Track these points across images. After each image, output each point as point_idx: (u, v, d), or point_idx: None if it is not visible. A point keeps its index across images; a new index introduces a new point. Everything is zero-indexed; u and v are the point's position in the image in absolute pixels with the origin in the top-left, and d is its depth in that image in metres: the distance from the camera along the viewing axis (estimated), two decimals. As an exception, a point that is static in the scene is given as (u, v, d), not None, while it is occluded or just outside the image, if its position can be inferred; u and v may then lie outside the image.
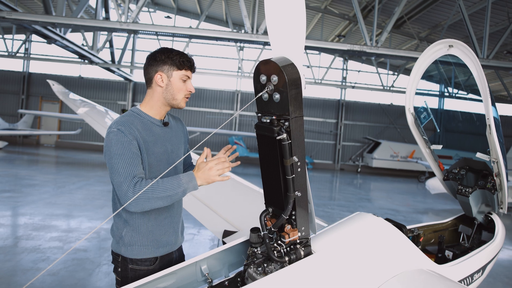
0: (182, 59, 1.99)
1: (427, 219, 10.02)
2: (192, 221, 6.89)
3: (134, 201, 1.74)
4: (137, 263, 2.02)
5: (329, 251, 1.89)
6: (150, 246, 2.04)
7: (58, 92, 7.14)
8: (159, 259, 2.07)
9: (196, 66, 2.10)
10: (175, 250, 2.19)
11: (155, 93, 2.04)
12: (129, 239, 2.01)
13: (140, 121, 1.99)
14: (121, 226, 2.03)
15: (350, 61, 22.66)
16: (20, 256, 5.05)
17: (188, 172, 1.88)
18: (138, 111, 2.05)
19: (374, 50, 10.44)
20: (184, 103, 2.08)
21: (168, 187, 1.80)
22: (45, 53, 20.88)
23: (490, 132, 2.90)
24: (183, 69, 2.00)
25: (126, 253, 2.02)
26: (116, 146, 1.83)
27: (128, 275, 2.03)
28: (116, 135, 1.86)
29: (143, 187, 1.75)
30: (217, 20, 21.29)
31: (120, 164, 1.80)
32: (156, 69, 2.00)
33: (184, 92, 2.04)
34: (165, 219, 2.08)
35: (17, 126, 17.98)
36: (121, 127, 1.88)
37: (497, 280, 5.64)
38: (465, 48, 2.84)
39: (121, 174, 1.78)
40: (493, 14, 12.13)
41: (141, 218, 2.00)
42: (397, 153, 20.44)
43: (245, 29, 10.48)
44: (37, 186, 9.74)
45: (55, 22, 10.09)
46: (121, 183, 1.77)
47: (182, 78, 2.02)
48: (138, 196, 1.73)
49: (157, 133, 2.04)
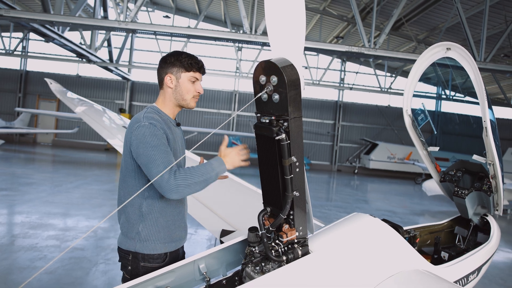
0: (190, 61, 2.07)
1: (423, 221, 10.06)
2: (190, 221, 6.85)
3: (175, 189, 1.80)
4: (149, 260, 2.04)
5: (327, 251, 1.90)
6: (165, 241, 2.08)
7: (56, 91, 7.12)
8: (168, 256, 2.10)
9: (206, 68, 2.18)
10: (181, 247, 2.25)
11: (166, 94, 2.13)
12: (147, 234, 2.03)
13: (161, 118, 2.07)
14: (137, 221, 2.04)
15: (348, 62, 22.71)
16: (17, 255, 5.04)
17: (216, 158, 2.01)
18: (158, 109, 2.12)
19: (372, 51, 10.48)
20: (194, 103, 2.16)
21: (204, 172, 1.89)
22: (43, 51, 20.83)
23: (487, 134, 2.92)
24: (191, 70, 2.08)
25: (142, 249, 2.03)
26: (151, 139, 1.90)
27: (139, 272, 2.02)
28: (149, 128, 1.92)
29: (182, 174, 1.83)
30: (216, 20, 21.29)
31: (157, 155, 1.87)
32: (166, 71, 2.10)
33: (192, 93, 2.12)
34: (178, 213, 2.15)
35: (14, 124, 17.92)
36: (152, 121, 1.96)
37: (492, 282, 5.67)
38: (463, 51, 2.86)
39: (160, 164, 1.84)
40: (491, 17, 12.19)
41: (159, 212, 2.05)
42: (394, 155, 20.49)
43: (244, 29, 10.49)
44: (34, 185, 9.71)
45: (53, 21, 10.07)
46: (162, 173, 1.83)
47: (191, 80, 2.09)
48: (179, 183, 1.81)
49: (174, 132, 2.13)
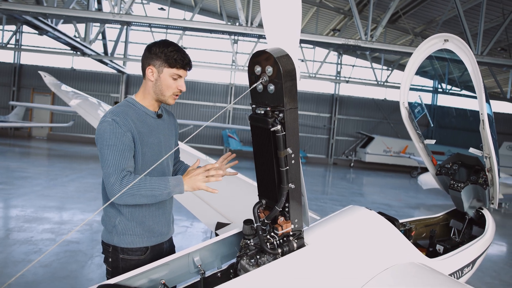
0: (175, 56, 1.95)
1: (418, 214, 10.10)
2: (185, 214, 6.88)
3: (120, 195, 1.76)
4: (128, 253, 2.02)
5: (322, 243, 1.89)
6: (143, 235, 2.05)
7: (50, 84, 7.05)
8: (150, 249, 2.08)
9: (192, 63, 2.07)
10: (166, 241, 2.20)
11: (147, 86, 2.05)
12: (123, 228, 2.01)
13: (135, 111, 2.00)
14: (114, 215, 2.02)
15: (345, 55, 22.65)
16: (12, 248, 5.02)
17: (177, 176, 1.91)
18: (133, 102, 2.05)
19: (368, 44, 10.44)
20: (173, 100, 2.06)
21: (155, 187, 1.82)
22: (37, 44, 20.60)
23: (484, 127, 2.91)
24: (175, 67, 1.97)
25: (119, 242, 2.01)
26: (109, 137, 1.83)
27: (119, 265, 2.03)
28: (110, 125, 1.86)
29: (130, 182, 1.76)
30: (211, 12, 21.14)
31: (111, 155, 1.81)
32: (149, 62, 2.00)
33: (173, 90, 2.02)
34: (158, 209, 2.10)
35: (8, 118, 17.77)
36: (116, 117, 1.88)
37: (485, 274, 5.71)
38: (460, 43, 2.84)
39: (110, 165, 1.79)
40: (488, 10, 12.16)
41: (135, 207, 2.01)
42: (390, 148, 20.54)
43: (240, 21, 10.41)
44: (29, 179, 9.66)
45: (47, 13, 9.94)
46: (110, 175, 1.79)
47: (173, 76, 1.99)
48: (125, 191, 1.75)
49: (151, 124, 2.05)
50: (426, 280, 2.05)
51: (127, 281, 1.67)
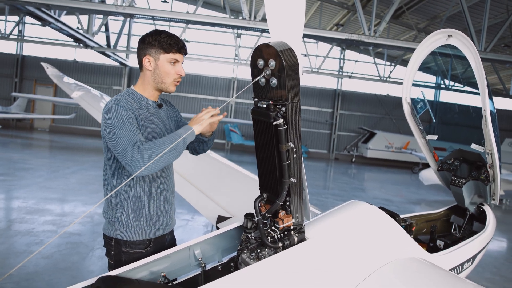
0: (169, 41, 1.96)
1: (419, 210, 10.09)
2: (186, 207, 6.90)
3: (142, 163, 1.72)
4: (131, 246, 2.02)
5: (323, 237, 1.90)
6: (145, 227, 2.04)
7: (53, 75, 7.04)
8: (152, 242, 2.07)
9: (188, 49, 2.06)
10: (168, 233, 2.19)
11: (145, 77, 2.05)
12: (126, 220, 2.01)
13: (135, 100, 2.01)
14: (117, 207, 2.02)
15: (348, 50, 22.56)
16: (14, 239, 5.04)
17: (184, 126, 1.95)
18: (133, 92, 2.06)
19: (372, 40, 10.40)
20: (174, 87, 2.06)
21: (169, 140, 1.81)
22: (39, 35, 20.58)
23: (486, 123, 2.91)
24: (171, 52, 1.97)
25: (121, 235, 2.01)
26: (117, 119, 1.83)
27: (122, 258, 2.02)
28: (115, 109, 1.86)
29: (146, 149, 1.74)
30: (215, 6, 21.05)
31: (122, 133, 1.80)
32: (145, 52, 2.01)
33: (173, 76, 2.02)
34: (160, 199, 2.10)
35: (11, 109, 17.80)
36: (119, 103, 1.90)
37: (486, 270, 5.72)
38: (464, 38, 2.82)
39: (124, 142, 1.77)
40: (492, 7, 12.08)
41: (137, 197, 2.01)
42: (392, 144, 20.52)
43: (243, 15, 10.37)
44: (31, 170, 9.69)
45: (49, 4, 9.93)
46: (125, 149, 1.75)
47: (170, 62, 1.99)
48: (145, 157, 1.72)
49: (152, 113, 2.06)
50: (427, 275, 2.06)
51: (128, 273, 1.68)
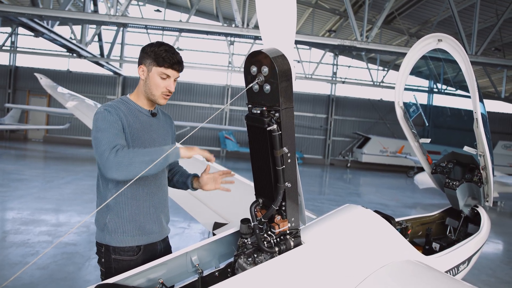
0: (164, 55, 1.96)
1: (415, 213, 10.11)
2: (182, 215, 6.88)
3: (116, 167, 1.72)
4: (120, 253, 2.02)
5: (319, 242, 1.91)
6: (133, 234, 2.03)
7: (46, 86, 7.04)
8: (142, 249, 2.07)
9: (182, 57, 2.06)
10: (160, 241, 2.17)
11: (139, 85, 2.09)
12: (113, 226, 2.00)
13: (127, 107, 2.04)
14: (105, 212, 2.02)
15: (341, 56, 22.72)
16: (8, 251, 5.00)
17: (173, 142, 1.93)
18: (127, 99, 2.09)
19: (364, 45, 10.49)
20: (163, 99, 2.07)
21: (151, 152, 1.79)
22: (32, 46, 20.53)
23: (477, 125, 2.95)
24: (163, 66, 1.98)
25: (110, 241, 2.01)
26: (102, 122, 1.88)
27: (112, 265, 2.02)
28: (102, 113, 1.91)
29: (124, 154, 1.74)
30: (208, 14, 21.15)
31: (104, 136, 1.82)
32: (141, 61, 2.04)
33: (161, 89, 2.02)
34: (150, 207, 2.08)
35: (4, 120, 17.68)
36: (107, 107, 1.95)
37: (481, 272, 5.75)
38: (454, 43, 2.87)
39: (104, 144, 1.79)
40: (482, 11, 12.25)
41: (125, 203, 2.01)
42: (386, 148, 20.61)
43: (236, 23, 10.44)
44: (25, 181, 9.63)
45: (42, 15, 9.93)
46: (103, 151, 1.76)
47: (161, 76, 2.00)
48: (120, 161, 1.72)
49: (144, 121, 2.07)
50: (423, 277, 2.07)
51: (125, 280, 1.68)
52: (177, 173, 2.36)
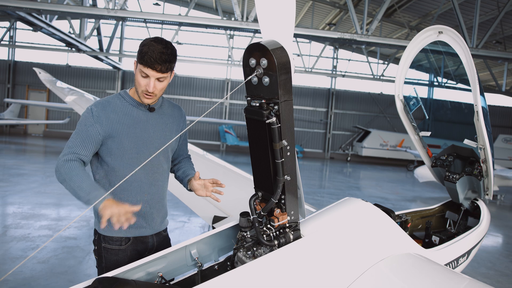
0: (147, 52, 1.83)
1: (415, 207, 10.13)
2: (182, 209, 6.89)
3: (57, 172, 1.85)
4: (108, 242, 2.05)
5: (318, 235, 1.91)
6: None
7: (45, 80, 7.03)
8: (131, 240, 2.07)
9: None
10: (152, 235, 2.14)
11: None
12: None
13: (121, 103, 2.02)
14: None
15: (341, 50, 22.63)
16: (9, 245, 5.01)
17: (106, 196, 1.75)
18: (124, 94, 2.07)
19: (364, 38, 10.44)
20: (144, 99, 1.97)
21: (83, 187, 1.77)
22: (31, 40, 20.46)
23: (478, 118, 2.93)
24: (142, 63, 1.86)
25: (99, 228, 2.06)
26: (80, 124, 1.95)
27: (102, 253, 2.06)
28: (85, 113, 1.96)
29: (71, 168, 1.82)
30: (207, 7, 21.03)
31: (73, 138, 1.92)
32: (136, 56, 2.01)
33: (141, 88, 1.94)
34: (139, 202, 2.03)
35: (4, 115, 17.66)
36: (94, 107, 1.97)
37: (481, 265, 5.77)
38: (455, 35, 2.85)
39: (68, 145, 1.91)
40: (483, 3, 12.18)
41: (115, 195, 1.99)
42: (386, 142, 20.60)
43: (235, 16, 10.39)
44: (26, 176, 9.63)
45: (41, 9, 9.88)
46: (63, 151, 1.90)
47: (141, 73, 1.91)
48: (60, 170, 1.83)
49: (138, 117, 2.03)
50: (423, 270, 2.08)
51: (124, 274, 1.68)
52: (180, 169, 2.32)
